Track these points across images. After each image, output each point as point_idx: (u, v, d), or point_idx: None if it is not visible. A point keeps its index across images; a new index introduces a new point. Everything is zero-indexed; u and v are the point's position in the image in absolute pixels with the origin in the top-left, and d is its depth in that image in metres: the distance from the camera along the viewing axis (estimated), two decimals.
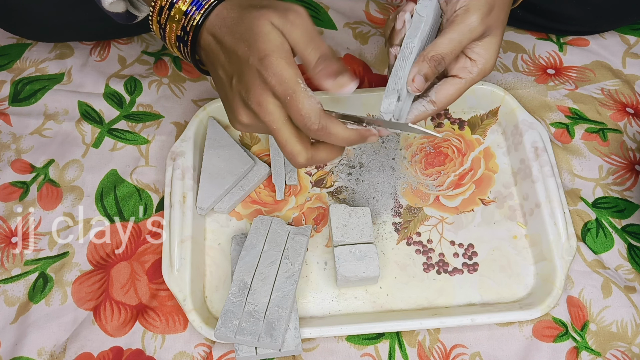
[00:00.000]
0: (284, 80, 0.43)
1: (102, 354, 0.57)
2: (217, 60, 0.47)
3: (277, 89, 0.43)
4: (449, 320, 0.55)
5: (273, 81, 0.43)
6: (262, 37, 0.44)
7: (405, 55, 0.50)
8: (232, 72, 0.46)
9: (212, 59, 0.47)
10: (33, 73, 0.74)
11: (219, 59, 0.46)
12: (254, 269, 0.56)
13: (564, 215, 0.60)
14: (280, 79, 0.43)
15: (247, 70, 0.44)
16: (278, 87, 0.43)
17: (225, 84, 0.47)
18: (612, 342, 0.57)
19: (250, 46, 0.44)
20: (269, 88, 0.44)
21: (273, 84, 0.43)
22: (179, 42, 0.49)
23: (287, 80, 0.43)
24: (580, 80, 0.72)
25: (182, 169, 0.62)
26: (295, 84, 0.43)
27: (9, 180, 0.66)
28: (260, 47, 0.43)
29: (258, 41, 0.44)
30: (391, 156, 0.67)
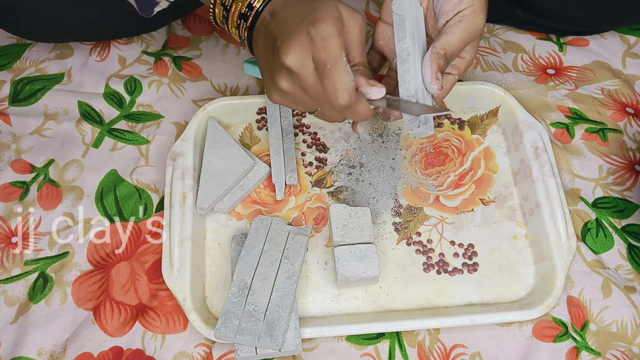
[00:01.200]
0: (330, 47, 0.44)
1: (102, 354, 0.56)
2: (265, 31, 0.48)
3: (320, 54, 0.44)
4: (449, 320, 0.55)
5: (319, 44, 0.44)
6: (324, 6, 0.45)
7: (404, 58, 0.50)
8: (277, 34, 0.46)
9: (262, 31, 0.48)
10: (33, 73, 0.74)
11: (268, 28, 0.47)
12: (254, 269, 0.56)
13: (564, 215, 0.60)
14: (325, 44, 0.44)
15: (294, 32, 0.45)
16: (321, 52, 0.44)
17: (267, 54, 0.48)
18: (612, 342, 0.57)
19: (308, 12, 0.45)
20: (311, 50, 0.44)
21: (318, 47, 0.44)
22: (240, 20, 0.50)
23: (332, 49, 0.44)
24: (580, 80, 0.72)
25: (182, 169, 0.62)
26: (338, 55, 0.44)
27: (9, 180, 0.66)
28: (317, 13, 0.45)
29: (318, 9, 0.45)
30: (391, 156, 0.67)
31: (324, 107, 0.49)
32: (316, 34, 0.44)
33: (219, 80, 0.73)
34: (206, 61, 0.75)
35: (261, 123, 0.69)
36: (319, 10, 0.45)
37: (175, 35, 0.77)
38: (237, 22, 0.51)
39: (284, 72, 0.46)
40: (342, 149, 0.67)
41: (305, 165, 0.66)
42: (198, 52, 0.76)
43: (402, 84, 0.50)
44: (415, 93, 0.50)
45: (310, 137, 0.68)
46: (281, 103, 0.50)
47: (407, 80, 0.50)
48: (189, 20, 0.78)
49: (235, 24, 0.51)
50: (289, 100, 0.49)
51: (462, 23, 0.50)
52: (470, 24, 0.50)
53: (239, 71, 0.74)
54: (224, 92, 0.73)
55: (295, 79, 0.46)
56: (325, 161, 0.67)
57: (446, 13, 0.51)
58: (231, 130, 0.69)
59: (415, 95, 0.49)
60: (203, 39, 0.77)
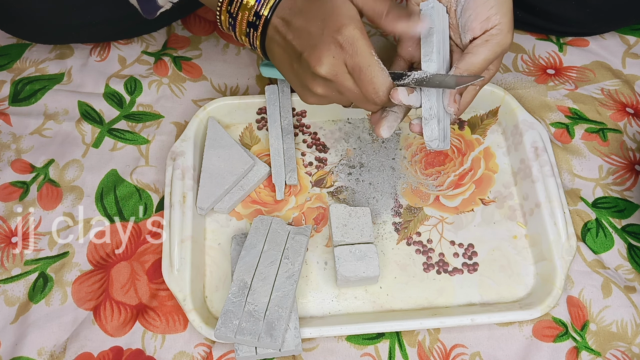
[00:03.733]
0: (360, 50, 0.46)
1: (102, 354, 0.56)
2: (283, 42, 0.49)
3: (352, 59, 0.46)
4: (449, 320, 0.55)
5: (349, 50, 0.46)
6: (337, 10, 0.46)
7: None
8: (301, 49, 0.47)
9: (279, 41, 0.49)
10: (33, 73, 0.74)
11: (286, 39, 0.48)
12: (254, 269, 0.56)
13: (564, 215, 0.60)
14: (355, 49, 0.45)
15: (320, 42, 0.46)
16: (353, 58, 0.46)
17: (292, 63, 0.49)
18: (612, 342, 0.57)
19: (324, 20, 0.46)
20: (342, 56, 0.46)
21: (349, 53, 0.46)
22: (249, 28, 0.50)
23: (363, 51, 0.46)
24: (580, 80, 0.72)
25: (182, 169, 0.62)
26: (370, 55, 0.46)
27: (9, 180, 0.66)
28: (336, 20, 0.46)
29: (333, 14, 0.46)
30: (391, 156, 0.67)
31: (361, 103, 0.50)
32: (344, 41, 0.46)
33: (219, 80, 0.73)
34: (206, 61, 0.75)
35: (261, 123, 0.69)
36: (337, 15, 0.46)
37: (175, 35, 0.77)
38: (246, 31, 0.51)
39: (319, 80, 0.48)
40: (342, 149, 0.67)
41: (305, 165, 0.66)
42: (198, 52, 0.76)
43: (424, 103, 0.50)
44: (438, 112, 0.50)
45: (310, 137, 0.68)
46: (317, 104, 0.52)
47: (429, 98, 0.50)
48: (189, 20, 0.78)
49: (244, 32, 0.51)
50: (326, 101, 0.51)
51: (488, 43, 0.49)
52: (497, 44, 0.49)
53: (239, 71, 0.74)
54: (224, 92, 0.73)
55: (330, 85, 0.48)
56: (325, 161, 0.67)
57: (472, 30, 0.49)
58: (231, 130, 0.69)
59: (436, 111, 0.50)
60: (203, 39, 0.77)
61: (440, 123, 0.51)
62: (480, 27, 0.49)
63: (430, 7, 0.49)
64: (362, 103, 0.50)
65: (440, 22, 0.50)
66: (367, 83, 0.47)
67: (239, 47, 0.76)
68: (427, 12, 0.50)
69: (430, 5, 0.49)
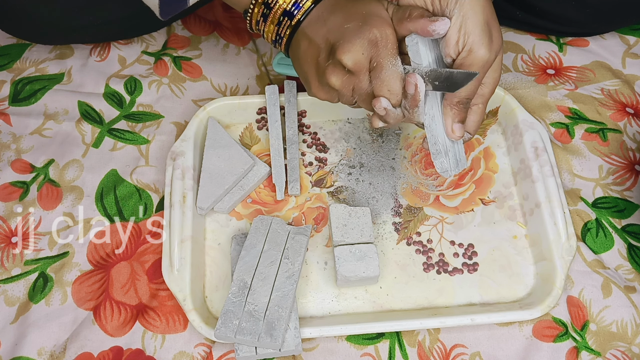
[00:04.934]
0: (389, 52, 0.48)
1: (102, 353, 0.56)
2: (315, 34, 0.51)
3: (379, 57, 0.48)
4: (449, 320, 0.55)
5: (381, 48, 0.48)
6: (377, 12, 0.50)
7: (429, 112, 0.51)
8: (334, 40, 0.50)
9: (310, 33, 0.51)
10: (33, 73, 0.74)
11: (319, 32, 0.51)
12: (254, 269, 0.56)
13: (564, 215, 0.60)
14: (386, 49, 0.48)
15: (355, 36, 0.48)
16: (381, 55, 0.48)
17: (318, 54, 0.51)
18: (612, 342, 0.57)
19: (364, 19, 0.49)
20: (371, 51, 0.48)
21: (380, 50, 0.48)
22: (283, 17, 0.52)
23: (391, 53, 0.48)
24: (580, 80, 0.72)
25: (182, 168, 0.62)
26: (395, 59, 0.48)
27: (9, 180, 0.66)
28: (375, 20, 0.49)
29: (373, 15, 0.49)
30: (391, 156, 0.67)
31: (365, 102, 0.51)
32: (380, 37, 0.48)
33: (219, 80, 0.73)
34: (206, 61, 0.75)
35: (261, 123, 0.69)
36: (376, 17, 0.49)
37: (175, 35, 0.77)
38: (278, 19, 0.52)
39: (339, 71, 0.49)
40: (342, 149, 0.67)
41: (305, 165, 0.66)
42: (198, 52, 0.76)
43: (430, 138, 0.51)
44: (443, 144, 0.51)
45: (310, 137, 0.68)
46: (325, 99, 0.53)
47: (435, 134, 0.51)
48: (189, 20, 0.78)
49: (277, 20, 0.52)
50: (335, 97, 0.53)
51: (463, 66, 0.49)
52: (472, 63, 0.48)
53: (239, 71, 0.74)
54: (224, 92, 0.73)
55: (347, 78, 0.50)
56: (325, 161, 0.67)
57: (449, 55, 0.50)
58: (231, 130, 0.69)
59: (442, 145, 0.51)
60: (203, 39, 0.77)
61: (449, 154, 0.51)
62: (453, 51, 0.49)
63: (414, 42, 0.49)
64: (367, 104, 0.51)
65: (429, 54, 0.50)
66: (384, 83, 0.48)
67: (239, 47, 0.76)
68: (412, 47, 0.49)
69: (414, 41, 0.49)
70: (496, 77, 0.52)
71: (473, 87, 0.49)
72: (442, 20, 0.47)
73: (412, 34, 0.49)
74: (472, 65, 0.49)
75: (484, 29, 0.48)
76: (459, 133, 0.51)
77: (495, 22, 0.50)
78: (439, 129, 0.51)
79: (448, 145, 0.52)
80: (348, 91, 0.51)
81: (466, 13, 0.48)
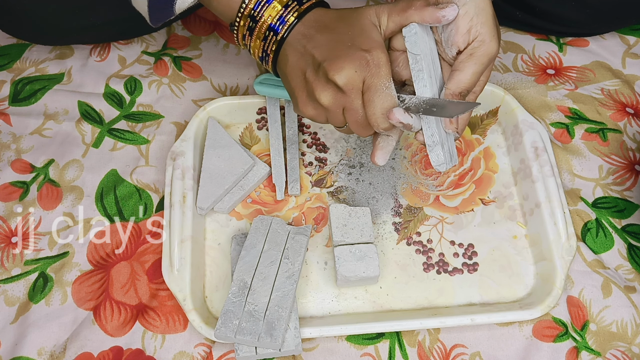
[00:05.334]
0: (382, 74, 0.48)
1: (102, 353, 0.56)
2: (303, 49, 0.50)
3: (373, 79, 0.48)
4: (449, 320, 0.55)
5: (374, 69, 0.47)
6: (367, 33, 0.49)
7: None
8: (322, 58, 0.48)
9: (298, 47, 0.50)
10: (33, 73, 0.74)
11: (306, 47, 0.50)
12: (254, 269, 0.56)
13: (564, 215, 0.60)
14: (379, 71, 0.47)
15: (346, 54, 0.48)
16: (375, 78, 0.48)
17: (305, 70, 0.50)
18: (612, 342, 0.57)
19: (353, 38, 0.48)
20: (364, 73, 0.48)
21: (372, 72, 0.47)
22: (268, 32, 0.51)
23: (384, 75, 0.48)
24: (580, 80, 0.72)
25: (182, 168, 0.62)
26: (388, 82, 0.48)
27: (9, 180, 0.66)
28: (366, 41, 0.48)
29: (363, 35, 0.49)
30: (391, 156, 0.67)
31: (357, 126, 0.51)
32: (372, 59, 0.47)
33: (219, 80, 0.73)
34: (206, 61, 0.75)
35: (261, 123, 0.69)
36: (367, 38, 0.48)
37: (175, 35, 0.77)
38: (264, 34, 0.51)
39: (329, 89, 0.49)
40: (342, 149, 0.67)
41: (305, 165, 0.66)
42: (198, 52, 0.76)
43: (426, 130, 0.51)
44: (440, 136, 0.51)
45: (310, 137, 0.68)
46: (312, 117, 0.52)
47: (432, 125, 0.50)
48: (189, 20, 0.78)
49: (262, 35, 0.52)
50: (323, 115, 0.52)
51: (473, 56, 0.48)
52: (482, 55, 0.48)
53: (239, 71, 0.74)
54: (224, 92, 0.73)
55: (338, 98, 0.49)
56: (325, 161, 0.67)
57: (456, 44, 0.49)
58: (231, 130, 0.69)
59: (438, 137, 0.50)
60: (203, 39, 0.77)
61: (444, 146, 0.51)
62: (462, 40, 0.49)
63: (413, 32, 0.49)
64: (359, 127, 0.51)
65: (426, 45, 0.50)
66: (376, 105, 0.48)
67: (239, 47, 0.76)
68: (410, 38, 0.49)
69: (412, 31, 0.49)
70: (488, 75, 0.52)
71: (475, 79, 0.50)
72: (452, 6, 0.47)
73: (410, 24, 0.49)
74: (482, 57, 0.48)
75: (494, 22, 0.49)
76: (456, 125, 0.51)
77: (495, 17, 0.50)
78: (435, 121, 0.50)
79: (443, 138, 0.51)
80: (338, 110, 0.50)
81: (478, 4, 0.48)
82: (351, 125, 0.51)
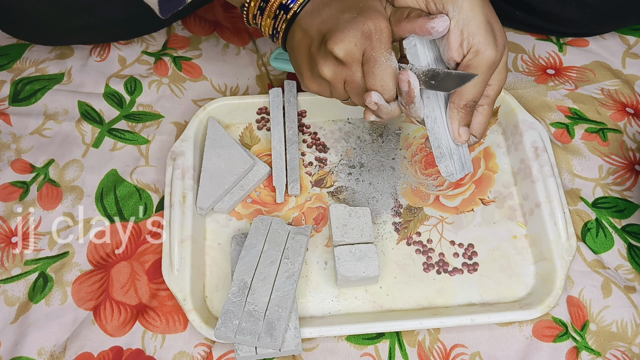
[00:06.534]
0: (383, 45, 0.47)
1: (102, 353, 0.56)
2: (310, 26, 0.50)
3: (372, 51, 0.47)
4: (449, 320, 0.55)
5: (375, 41, 0.47)
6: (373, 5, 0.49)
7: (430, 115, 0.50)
8: (327, 30, 0.49)
9: (305, 25, 0.50)
10: (33, 73, 0.74)
11: (313, 23, 0.50)
12: (254, 269, 0.56)
13: (564, 215, 0.60)
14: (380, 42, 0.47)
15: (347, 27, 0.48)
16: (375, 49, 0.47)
17: (310, 45, 0.50)
18: (612, 342, 0.57)
19: (359, 11, 0.48)
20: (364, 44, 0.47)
21: (373, 44, 0.47)
22: (279, 10, 0.52)
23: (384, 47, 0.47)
24: (580, 80, 0.72)
25: (182, 168, 0.62)
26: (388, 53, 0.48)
27: (9, 180, 0.66)
28: (371, 13, 0.48)
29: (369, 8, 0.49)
30: (391, 156, 0.67)
31: (358, 97, 0.51)
32: (374, 30, 0.47)
33: (219, 80, 0.73)
34: (206, 61, 0.75)
35: (261, 123, 0.69)
36: (371, 10, 0.48)
37: (175, 35, 0.77)
38: (275, 13, 0.52)
39: (330, 61, 0.49)
40: (342, 149, 0.67)
41: (305, 165, 0.66)
42: (198, 52, 0.76)
43: (433, 142, 0.50)
44: (448, 147, 0.50)
45: (310, 137, 0.68)
46: (317, 92, 0.52)
47: (438, 137, 0.50)
48: (189, 20, 0.78)
49: (273, 14, 0.52)
50: (327, 90, 0.52)
51: (470, 68, 0.48)
52: (479, 65, 0.48)
53: (239, 71, 0.74)
54: (224, 92, 0.73)
55: (339, 70, 0.49)
56: (325, 161, 0.67)
57: (452, 58, 0.49)
58: (231, 130, 0.69)
59: (445, 148, 0.50)
60: (203, 39, 0.77)
61: (453, 157, 0.51)
62: (457, 54, 0.48)
63: (412, 45, 0.49)
64: (360, 99, 0.51)
65: (428, 55, 0.49)
66: (376, 77, 0.48)
67: (239, 47, 0.76)
68: (410, 50, 0.49)
69: (412, 43, 0.49)
70: (502, 78, 0.51)
71: (479, 89, 0.49)
72: (441, 17, 0.47)
73: (410, 36, 0.49)
74: (479, 67, 0.48)
75: (487, 28, 0.48)
76: (465, 137, 0.50)
77: (496, 21, 0.50)
78: (442, 131, 0.50)
79: (452, 148, 0.51)
80: (340, 83, 0.50)
81: (466, 15, 0.47)
82: (353, 98, 0.51)
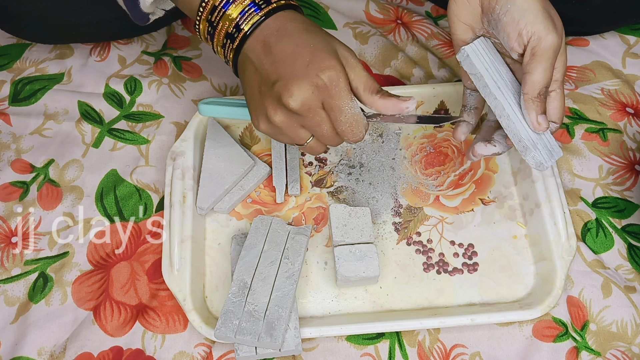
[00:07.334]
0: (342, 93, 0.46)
1: (102, 353, 0.57)
2: (259, 63, 0.48)
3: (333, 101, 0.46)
4: (449, 320, 0.55)
5: (333, 91, 0.46)
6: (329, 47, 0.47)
7: (502, 114, 0.50)
8: (277, 76, 0.46)
9: (253, 60, 0.48)
10: (33, 73, 0.74)
11: (262, 61, 0.48)
12: (254, 269, 0.56)
13: (564, 215, 0.60)
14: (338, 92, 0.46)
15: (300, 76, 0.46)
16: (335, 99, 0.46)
17: (260, 85, 0.48)
18: (612, 342, 0.57)
19: (313, 53, 0.46)
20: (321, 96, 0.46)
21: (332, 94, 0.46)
22: (226, 39, 0.49)
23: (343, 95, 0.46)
24: (580, 80, 0.72)
25: (182, 168, 0.62)
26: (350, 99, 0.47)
27: (9, 180, 0.66)
28: (324, 59, 0.46)
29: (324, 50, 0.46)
30: (391, 156, 0.67)
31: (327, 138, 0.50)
32: (329, 81, 0.46)
33: (219, 80, 0.73)
34: (206, 61, 0.75)
35: None
36: (327, 53, 0.46)
37: (175, 35, 0.77)
38: (222, 41, 0.50)
39: (281, 111, 0.47)
40: (342, 149, 0.67)
41: (305, 165, 0.66)
42: (198, 52, 0.76)
43: (513, 137, 0.51)
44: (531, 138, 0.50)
45: None
46: (266, 133, 0.50)
47: (517, 132, 0.50)
48: (189, 20, 0.78)
49: (221, 42, 0.50)
50: (277, 132, 0.49)
51: (536, 56, 0.48)
52: (544, 51, 0.47)
53: None
54: (224, 92, 0.73)
55: (293, 118, 0.48)
56: (325, 161, 0.67)
57: (514, 49, 0.49)
58: (231, 130, 0.69)
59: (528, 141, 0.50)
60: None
61: (538, 147, 0.50)
62: (518, 44, 0.48)
63: (465, 56, 0.49)
64: (328, 139, 0.50)
65: (484, 61, 0.49)
66: (344, 124, 0.48)
67: None
68: (464, 62, 0.49)
69: (464, 54, 0.49)
70: (564, 59, 0.51)
71: (549, 75, 0.48)
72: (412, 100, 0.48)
73: (461, 49, 0.49)
74: (545, 52, 0.47)
75: (545, 15, 0.48)
76: (545, 124, 0.50)
77: (551, 7, 0.49)
78: (519, 125, 0.50)
79: (535, 139, 0.50)
80: (293, 129, 0.49)
81: (521, 5, 0.47)
82: (320, 139, 0.50)
